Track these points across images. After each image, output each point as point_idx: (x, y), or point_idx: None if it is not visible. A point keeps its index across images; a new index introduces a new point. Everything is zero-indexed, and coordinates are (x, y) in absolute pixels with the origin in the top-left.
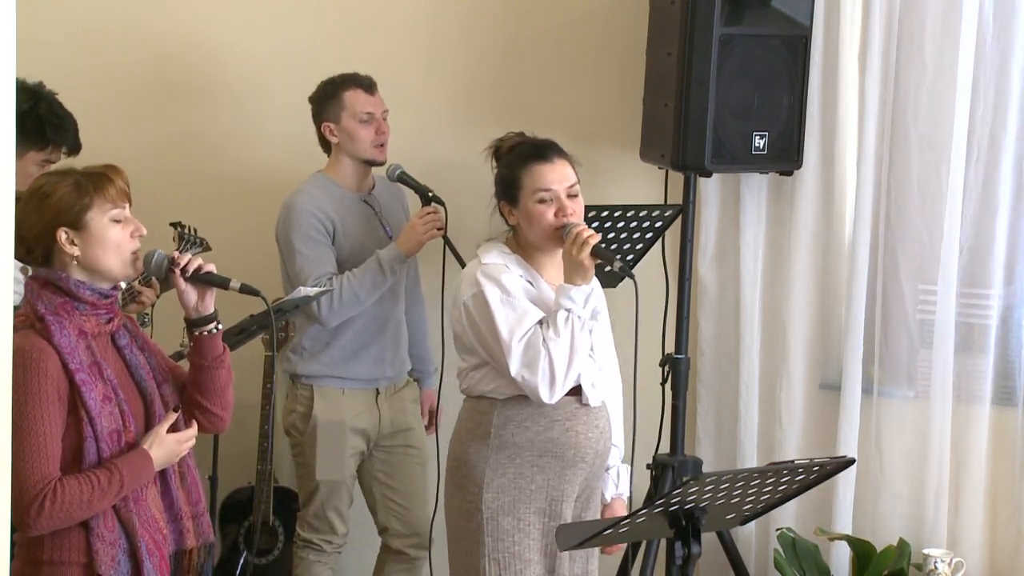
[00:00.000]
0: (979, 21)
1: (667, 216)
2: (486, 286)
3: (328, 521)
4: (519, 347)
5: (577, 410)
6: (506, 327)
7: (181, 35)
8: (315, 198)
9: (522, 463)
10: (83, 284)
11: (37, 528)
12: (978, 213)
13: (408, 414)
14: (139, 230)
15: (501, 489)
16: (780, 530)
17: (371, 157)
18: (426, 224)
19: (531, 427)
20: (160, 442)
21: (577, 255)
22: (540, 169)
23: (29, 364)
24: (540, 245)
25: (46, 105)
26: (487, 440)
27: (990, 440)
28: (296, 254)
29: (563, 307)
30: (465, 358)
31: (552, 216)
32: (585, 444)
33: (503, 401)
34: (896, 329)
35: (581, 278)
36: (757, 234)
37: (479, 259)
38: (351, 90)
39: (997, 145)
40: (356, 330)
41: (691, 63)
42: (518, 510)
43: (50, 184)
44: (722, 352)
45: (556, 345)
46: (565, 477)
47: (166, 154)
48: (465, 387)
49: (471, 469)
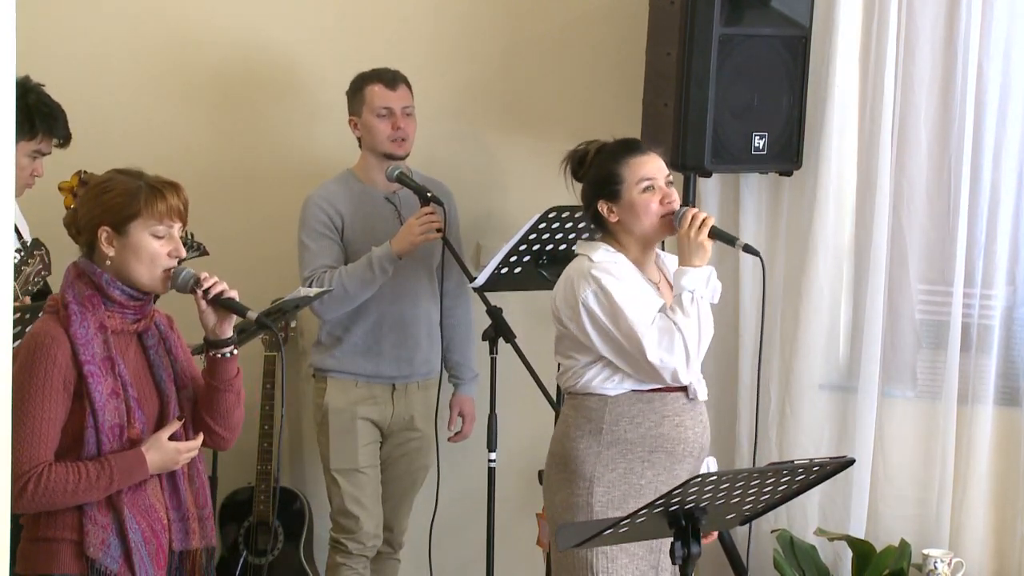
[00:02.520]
0: (981, 20)
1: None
2: (606, 280)
3: (351, 515)
4: (653, 332)
5: (685, 405)
6: (636, 316)
7: (199, 32)
8: (327, 192)
9: (633, 459)
10: (114, 283)
11: (19, 508)
12: (981, 213)
13: (418, 419)
14: (178, 251)
15: (612, 484)
16: (779, 530)
17: (388, 151)
18: (423, 225)
19: (643, 423)
20: (158, 447)
21: (696, 237)
22: (639, 160)
23: (38, 350)
24: (648, 235)
25: (35, 96)
26: (599, 436)
27: (993, 440)
28: (302, 247)
29: (686, 288)
30: (575, 356)
31: (658, 204)
32: (692, 439)
33: (614, 398)
34: (898, 329)
35: (700, 259)
36: (757, 234)
37: (587, 257)
38: (372, 85)
39: (1000, 145)
40: (367, 328)
41: (691, 63)
42: (628, 505)
43: (113, 182)
44: (722, 352)
45: (687, 325)
46: (674, 472)
47: (187, 151)
48: (572, 384)
49: (580, 464)
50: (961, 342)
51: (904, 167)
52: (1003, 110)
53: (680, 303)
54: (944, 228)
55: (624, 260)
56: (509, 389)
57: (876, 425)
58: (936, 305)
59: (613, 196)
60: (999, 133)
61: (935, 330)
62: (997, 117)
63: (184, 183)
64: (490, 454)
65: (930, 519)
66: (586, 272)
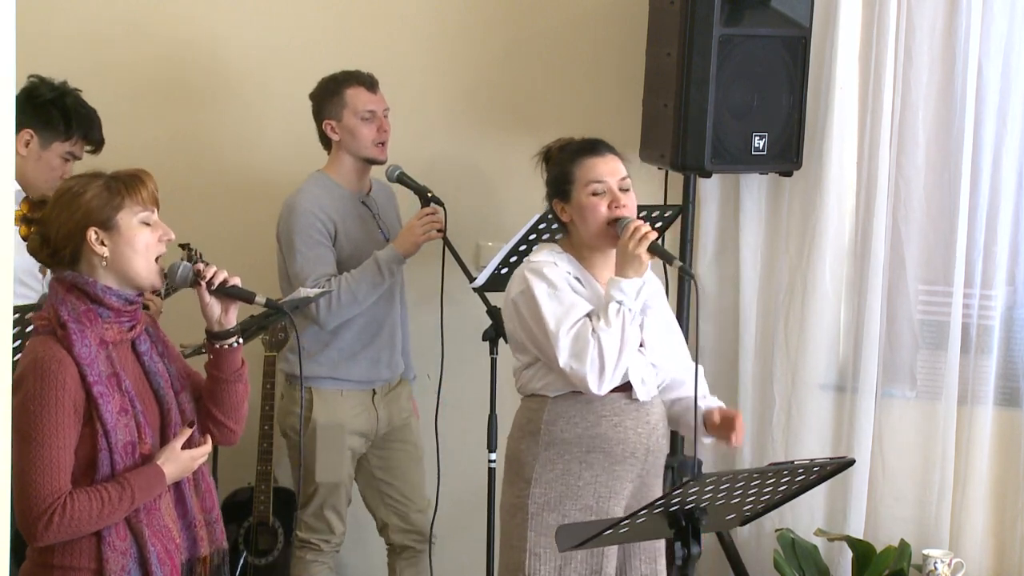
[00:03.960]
0: (981, 20)
1: (667, 216)
2: (532, 281)
3: (327, 521)
4: (567, 338)
5: (626, 406)
6: (553, 319)
7: (181, 34)
8: (317, 198)
9: (570, 459)
10: (110, 290)
11: (44, 540)
12: (981, 213)
13: (404, 411)
14: (167, 234)
15: (548, 485)
16: (779, 531)
17: (372, 155)
18: (425, 225)
19: (579, 423)
20: (174, 458)
21: (634, 249)
22: (592, 162)
23: (47, 375)
24: (594, 241)
25: (72, 98)
26: (537, 437)
27: (993, 441)
28: (296, 254)
29: (614, 299)
30: (518, 357)
31: (605, 208)
32: (635, 440)
33: (554, 398)
34: (898, 330)
35: (634, 272)
36: (756, 235)
37: (527, 259)
38: (353, 87)
39: (1000, 145)
40: (355, 332)
41: (691, 64)
42: (564, 506)
43: (81, 184)
44: (721, 352)
45: (606, 335)
46: (614, 473)
47: (165, 153)
48: (519, 385)
49: (522, 466)
50: (961, 342)
51: (904, 167)
52: (1003, 110)
53: (605, 313)
54: (944, 228)
55: (569, 261)
56: (509, 389)
57: (876, 426)
58: (936, 305)
59: (565, 196)
60: (999, 133)
61: (935, 330)
62: (997, 117)
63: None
64: (490, 454)
65: (930, 519)
66: (521, 272)
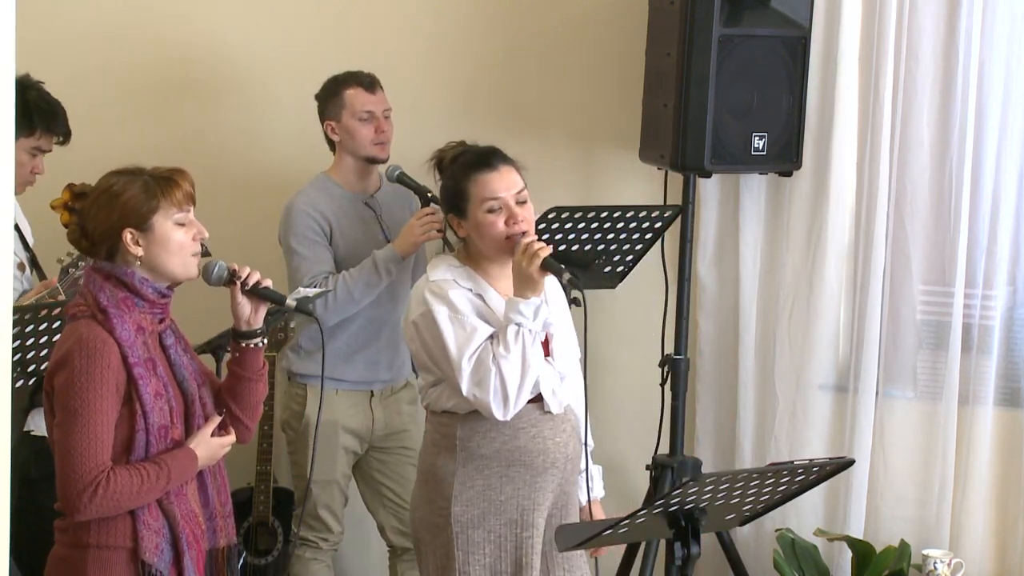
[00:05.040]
0: (982, 19)
1: (666, 217)
2: (434, 304)
3: (322, 520)
4: (468, 365)
5: (541, 417)
6: (455, 346)
7: (185, 34)
8: (313, 199)
9: (490, 474)
10: (147, 281)
11: (87, 514)
12: (982, 214)
13: (404, 415)
14: (201, 233)
15: (470, 502)
16: (779, 531)
17: (371, 155)
18: (424, 225)
19: (496, 437)
20: (206, 443)
21: (527, 267)
22: (486, 178)
23: (93, 353)
24: (492, 256)
25: (34, 93)
26: (453, 453)
27: (993, 441)
28: (293, 254)
29: (513, 321)
30: (423, 375)
31: (503, 225)
32: (554, 449)
33: (464, 415)
34: (899, 330)
35: (532, 291)
36: (756, 235)
37: (427, 276)
38: (352, 88)
39: (1001, 145)
40: (352, 332)
41: (690, 64)
42: (488, 522)
43: (120, 184)
44: (721, 353)
45: (507, 362)
46: (536, 485)
47: (171, 153)
48: (427, 403)
49: (439, 483)
50: (962, 343)
51: (905, 167)
52: (1005, 110)
53: (504, 337)
54: (945, 228)
55: (469, 275)
56: None
57: (876, 425)
58: (937, 306)
59: (460, 212)
60: (1001, 133)
61: (936, 331)
62: (998, 117)
63: None
64: None
65: (930, 519)
66: (421, 293)
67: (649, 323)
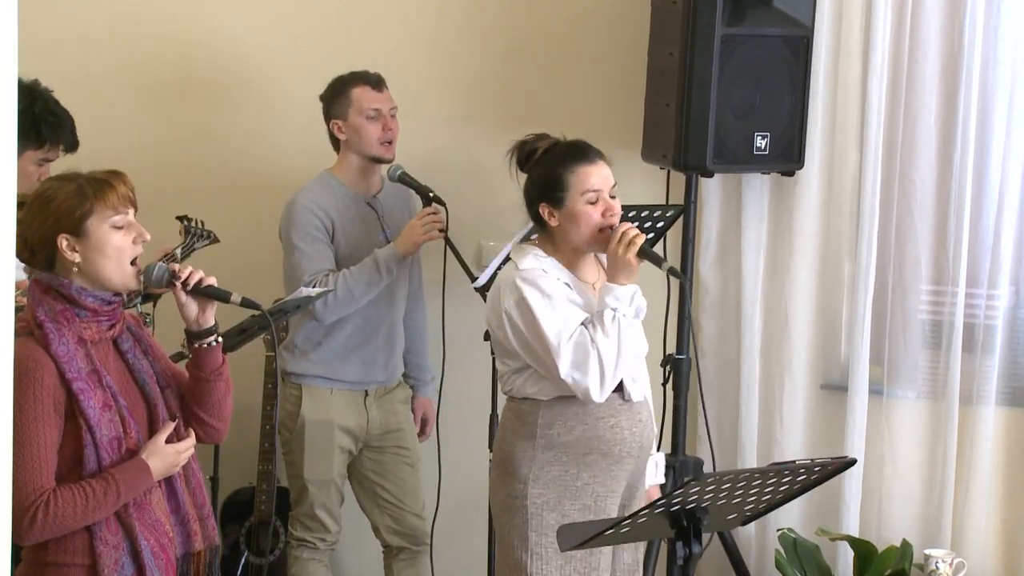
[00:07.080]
0: (986, 19)
1: (669, 216)
2: (527, 291)
3: (319, 520)
4: (568, 348)
5: (620, 406)
6: (553, 331)
7: (190, 34)
8: (316, 196)
9: (568, 461)
10: (85, 291)
11: (29, 539)
12: (986, 214)
13: (399, 415)
14: (142, 235)
15: (547, 485)
16: (781, 530)
17: (378, 154)
18: (426, 225)
19: (576, 426)
20: (158, 452)
21: (624, 254)
22: (587, 170)
23: (24, 375)
24: (584, 246)
25: (42, 103)
26: (533, 440)
27: (995, 441)
28: (294, 251)
29: (609, 306)
30: (506, 362)
31: (599, 216)
32: (630, 439)
33: (547, 402)
34: (901, 329)
35: (626, 277)
36: (759, 234)
37: (515, 265)
38: (359, 87)
39: (1005, 145)
40: (348, 332)
41: (693, 63)
42: (563, 506)
43: (52, 189)
44: (723, 352)
45: (605, 344)
46: (612, 473)
47: (177, 152)
48: (508, 389)
49: (517, 466)
50: (964, 342)
51: (907, 166)
52: (1009, 108)
53: (601, 320)
54: (947, 228)
55: (554, 265)
56: None
57: (878, 425)
58: (939, 305)
59: (556, 202)
60: (1005, 132)
61: (938, 330)
62: (1003, 116)
63: (166, 186)
64: (490, 454)
65: (932, 519)
66: (511, 280)
67: (651, 323)
